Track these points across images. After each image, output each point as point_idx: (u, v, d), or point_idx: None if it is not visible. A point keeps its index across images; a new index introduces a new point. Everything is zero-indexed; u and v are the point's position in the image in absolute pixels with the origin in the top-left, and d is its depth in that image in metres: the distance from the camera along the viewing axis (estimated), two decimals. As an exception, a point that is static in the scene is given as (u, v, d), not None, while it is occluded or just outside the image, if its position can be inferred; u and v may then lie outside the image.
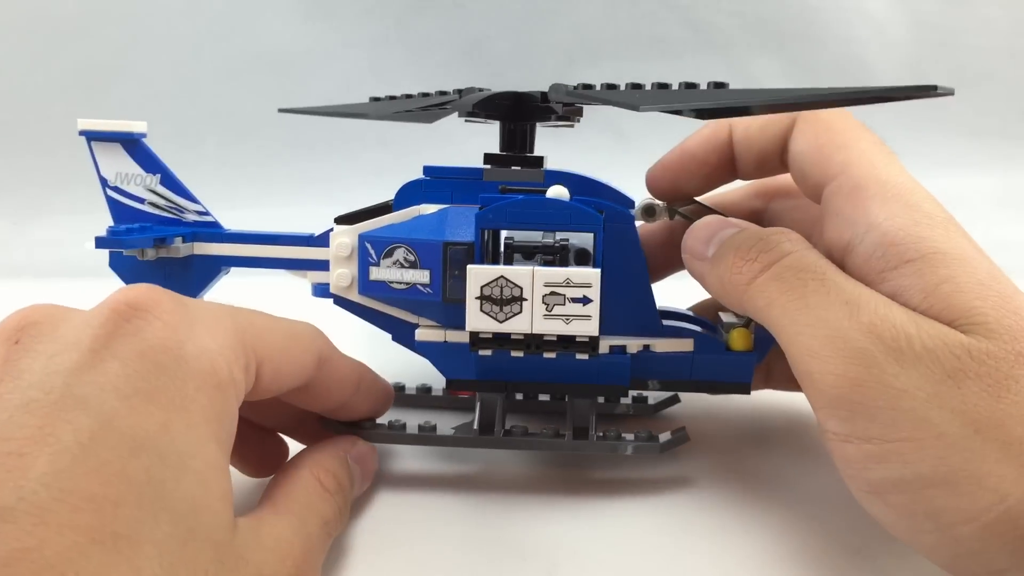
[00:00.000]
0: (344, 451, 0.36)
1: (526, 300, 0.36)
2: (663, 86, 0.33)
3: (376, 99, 0.45)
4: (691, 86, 0.32)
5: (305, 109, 0.51)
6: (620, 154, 1.06)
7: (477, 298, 0.36)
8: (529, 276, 0.36)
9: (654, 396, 0.49)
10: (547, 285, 0.36)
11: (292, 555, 0.27)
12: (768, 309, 0.33)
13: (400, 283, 0.38)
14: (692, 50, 1.13)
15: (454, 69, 1.14)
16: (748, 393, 0.42)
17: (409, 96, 0.44)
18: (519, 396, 0.48)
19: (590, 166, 0.52)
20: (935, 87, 0.25)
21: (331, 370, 0.35)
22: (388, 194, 0.41)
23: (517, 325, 0.37)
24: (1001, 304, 0.29)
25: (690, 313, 0.45)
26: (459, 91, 0.41)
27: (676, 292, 0.46)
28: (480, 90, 0.40)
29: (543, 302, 0.36)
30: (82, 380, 0.23)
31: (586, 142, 1.02)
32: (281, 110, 0.52)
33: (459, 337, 0.39)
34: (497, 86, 0.40)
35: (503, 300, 0.36)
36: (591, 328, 0.37)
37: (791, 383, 0.41)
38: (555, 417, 0.46)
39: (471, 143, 0.43)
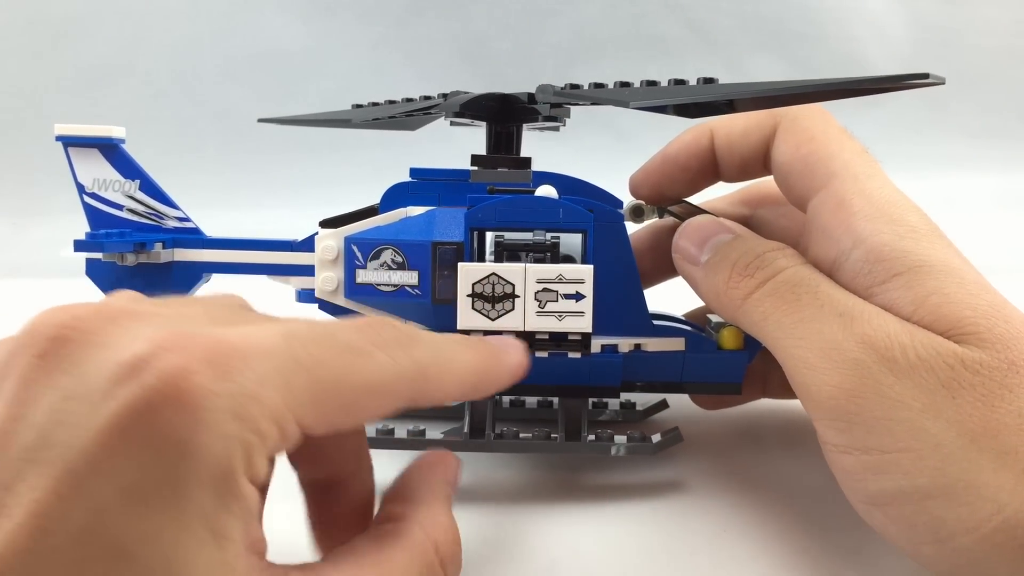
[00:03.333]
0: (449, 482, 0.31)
1: (518, 297, 0.36)
2: (651, 83, 0.33)
3: (359, 106, 0.45)
4: (680, 82, 0.32)
5: (285, 119, 0.51)
6: (620, 154, 1.06)
7: (468, 296, 0.36)
8: (521, 273, 0.36)
9: (642, 402, 0.48)
10: (539, 281, 0.36)
11: None
12: (763, 323, 0.33)
13: (388, 285, 0.38)
14: (692, 50, 1.13)
15: (454, 69, 1.14)
16: (739, 393, 0.41)
17: (392, 102, 0.43)
18: (507, 403, 0.47)
19: (590, 167, 0.52)
20: (926, 75, 0.25)
21: (428, 399, 0.28)
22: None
23: (509, 323, 0.36)
24: (991, 313, 0.29)
25: (682, 318, 0.44)
26: (444, 95, 0.40)
27: (669, 297, 0.46)
28: (466, 94, 0.40)
29: (535, 299, 0.36)
30: (84, 454, 0.20)
31: (583, 142, 1.02)
32: (260, 120, 0.52)
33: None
34: (497, 87, 0.40)
35: (495, 298, 0.36)
36: (584, 324, 0.36)
37: (788, 392, 0.41)
38: (544, 424, 0.46)
39: (471, 144, 0.43)
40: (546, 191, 0.38)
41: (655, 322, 0.40)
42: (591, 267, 0.36)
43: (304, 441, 0.24)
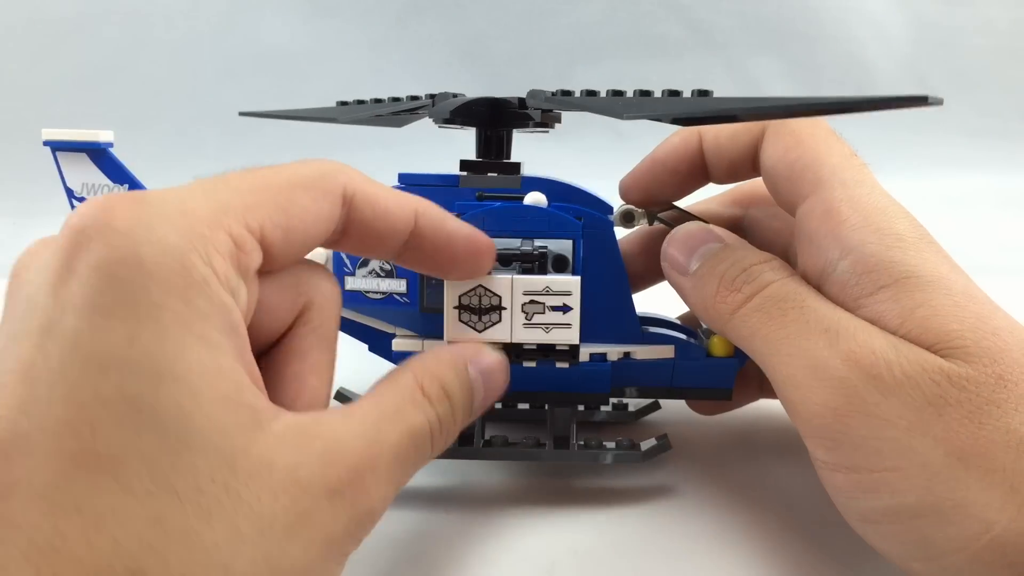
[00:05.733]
0: (465, 360, 0.32)
1: (505, 309, 0.36)
2: (645, 93, 0.33)
3: (343, 103, 0.45)
4: (674, 93, 0.31)
5: (268, 113, 0.51)
6: (618, 154, 1.06)
7: (455, 308, 0.36)
8: (508, 285, 0.36)
9: (635, 403, 0.48)
10: (526, 294, 0.36)
11: (345, 461, 0.24)
12: (751, 339, 0.33)
13: (376, 293, 0.38)
14: (692, 50, 1.12)
15: (454, 69, 1.14)
16: (730, 399, 0.41)
17: (378, 100, 0.43)
18: (498, 405, 0.47)
19: (588, 167, 0.52)
20: (925, 97, 0.25)
21: (367, 206, 0.30)
22: None
23: (496, 335, 0.36)
24: (979, 325, 0.28)
25: (675, 321, 0.44)
26: (432, 96, 0.40)
27: (665, 298, 0.45)
28: (454, 95, 0.39)
29: (522, 311, 0.36)
30: (47, 305, 0.22)
31: (581, 142, 1.02)
32: (242, 113, 0.52)
33: (437, 346, 0.38)
34: (496, 87, 0.40)
35: (482, 309, 0.36)
36: (571, 336, 0.36)
37: None
38: (535, 427, 0.46)
39: (470, 145, 0.43)
40: (535, 198, 0.38)
41: (646, 326, 0.40)
42: (578, 279, 0.36)
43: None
